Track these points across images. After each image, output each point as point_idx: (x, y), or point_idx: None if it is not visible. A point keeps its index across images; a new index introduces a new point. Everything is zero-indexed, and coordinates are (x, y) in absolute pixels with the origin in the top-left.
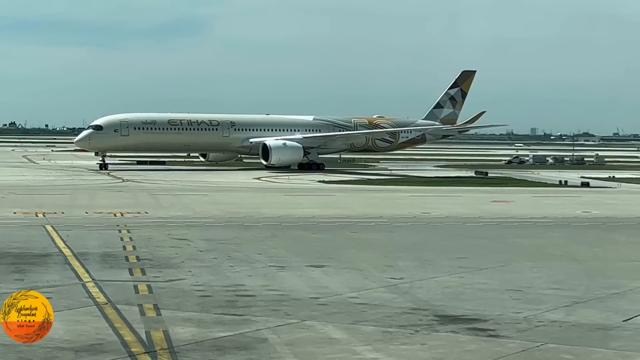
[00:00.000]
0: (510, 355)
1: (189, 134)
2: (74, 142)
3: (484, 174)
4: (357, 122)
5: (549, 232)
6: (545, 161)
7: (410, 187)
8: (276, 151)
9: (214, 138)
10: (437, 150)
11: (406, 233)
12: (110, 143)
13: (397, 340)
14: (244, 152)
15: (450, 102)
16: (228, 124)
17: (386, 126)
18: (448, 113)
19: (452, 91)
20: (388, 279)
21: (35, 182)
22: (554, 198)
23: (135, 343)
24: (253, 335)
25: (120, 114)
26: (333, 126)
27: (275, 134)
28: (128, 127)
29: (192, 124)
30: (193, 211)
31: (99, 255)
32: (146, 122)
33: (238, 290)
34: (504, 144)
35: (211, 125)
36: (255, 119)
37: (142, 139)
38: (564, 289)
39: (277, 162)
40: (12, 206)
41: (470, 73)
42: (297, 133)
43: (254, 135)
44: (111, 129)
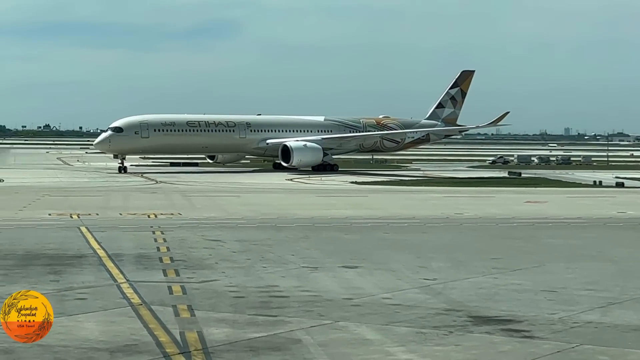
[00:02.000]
0: (545, 357)
1: (206, 135)
2: (93, 145)
3: (517, 174)
4: (366, 122)
5: (583, 233)
6: (530, 161)
7: (442, 188)
8: (298, 152)
9: (230, 139)
10: (461, 152)
11: (439, 234)
12: (130, 145)
13: (431, 341)
14: (259, 153)
15: (451, 102)
16: (244, 125)
17: (393, 126)
18: (449, 113)
19: (452, 91)
20: (421, 280)
21: (70, 183)
22: (588, 198)
23: (170, 344)
24: (287, 336)
25: (139, 116)
26: (344, 127)
27: (289, 135)
28: (148, 128)
29: (210, 125)
30: (226, 212)
31: (133, 256)
32: (165, 123)
33: (271, 291)
34: (537, 144)
35: (228, 127)
36: (270, 119)
37: (162, 141)
38: (599, 290)
39: (298, 164)
40: (47, 208)
41: (469, 73)
42: (310, 134)
43: (268, 137)
44: (131, 131)
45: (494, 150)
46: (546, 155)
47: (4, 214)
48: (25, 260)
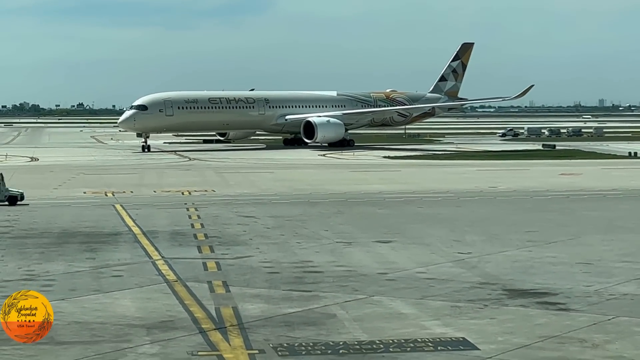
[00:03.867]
0: (581, 329)
1: (228, 112)
2: (118, 124)
3: (551, 146)
4: (376, 96)
5: (619, 205)
6: (541, 133)
7: (477, 162)
8: (322, 128)
9: (251, 116)
10: (495, 124)
11: (473, 207)
12: (156, 123)
13: (466, 315)
14: (276, 130)
15: (453, 75)
16: (263, 101)
17: (402, 100)
18: (451, 86)
19: (454, 64)
20: (456, 254)
21: (104, 162)
22: (623, 170)
23: (205, 319)
24: (322, 310)
25: (161, 93)
26: (356, 101)
27: (305, 111)
28: (172, 106)
29: (231, 102)
30: (259, 189)
31: (168, 233)
32: (188, 100)
33: (306, 267)
34: (572, 116)
35: (247, 103)
36: (287, 95)
37: (186, 118)
38: (635, 262)
39: (322, 140)
40: (82, 186)
41: (469, 45)
42: (325, 110)
43: (287, 113)
44: (156, 109)
45: (525, 123)
46: (556, 127)
47: (39, 192)
48: (62, 239)
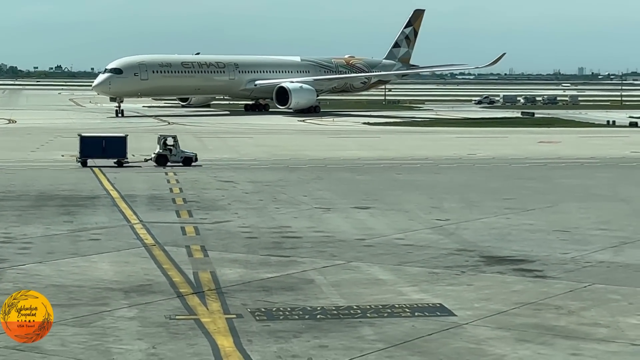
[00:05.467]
0: (557, 296)
1: (200, 77)
2: (92, 87)
3: (530, 114)
4: (337, 62)
5: (596, 173)
6: (517, 101)
7: (456, 129)
8: (296, 94)
9: (221, 81)
10: (474, 92)
11: (452, 174)
12: (131, 87)
13: (444, 281)
14: (244, 95)
15: (406, 42)
16: (233, 65)
17: (360, 66)
18: (404, 52)
19: (407, 30)
20: (434, 221)
21: (82, 125)
22: (601, 138)
23: (184, 284)
24: (299, 276)
25: (135, 56)
26: (319, 67)
27: (273, 76)
28: (147, 70)
29: (202, 67)
30: (238, 154)
31: (146, 197)
32: (162, 64)
33: (284, 232)
34: (551, 84)
35: (218, 68)
36: (256, 60)
37: (160, 83)
38: (611, 230)
39: (296, 106)
40: (60, 149)
41: (420, 12)
42: (290, 75)
43: (255, 78)
44: (131, 72)
45: (503, 91)
46: (532, 96)
47: (17, 155)
48: (39, 201)
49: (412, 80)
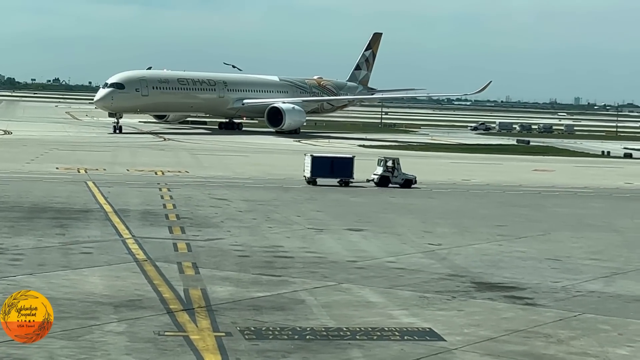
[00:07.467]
0: (547, 324)
1: (194, 94)
2: (94, 102)
3: (525, 142)
4: (310, 83)
5: (589, 203)
6: (512, 128)
7: (451, 154)
8: (289, 115)
9: (212, 99)
10: (471, 118)
11: (446, 199)
12: (132, 103)
13: (434, 306)
14: (231, 114)
15: (366, 64)
16: (222, 83)
17: (330, 88)
18: (364, 75)
19: (367, 53)
20: (426, 245)
21: (78, 138)
22: (595, 168)
23: (174, 300)
24: (290, 296)
25: (136, 71)
26: (295, 87)
27: (256, 95)
28: (147, 85)
29: (196, 84)
30: (233, 172)
31: (140, 212)
32: (161, 80)
33: (276, 252)
34: (547, 113)
35: (209, 85)
36: (242, 78)
37: (159, 99)
38: (603, 260)
39: (288, 127)
40: (54, 161)
41: (379, 35)
42: (272, 95)
43: (241, 97)
44: (133, 88)
45: (499, 118)
46: (528, 124)
47: (11, 166)
48: (32, 213)
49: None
